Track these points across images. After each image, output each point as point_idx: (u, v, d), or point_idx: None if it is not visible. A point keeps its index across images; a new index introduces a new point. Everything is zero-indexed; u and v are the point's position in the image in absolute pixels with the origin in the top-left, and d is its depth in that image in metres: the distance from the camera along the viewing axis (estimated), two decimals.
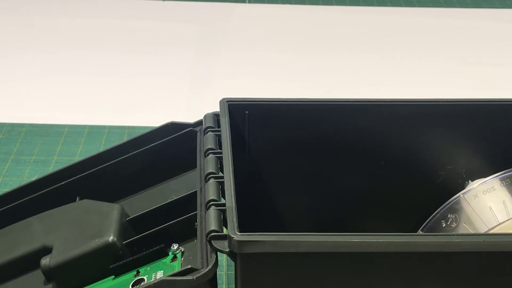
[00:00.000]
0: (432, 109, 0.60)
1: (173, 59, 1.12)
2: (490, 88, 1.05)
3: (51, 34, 1.20)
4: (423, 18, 1.32)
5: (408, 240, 0.44)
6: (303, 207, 0.63)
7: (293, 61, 1.14)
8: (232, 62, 1.13)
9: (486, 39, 1.23)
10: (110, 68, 1.09)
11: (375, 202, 0.63)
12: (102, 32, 1.22)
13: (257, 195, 0.61)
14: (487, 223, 0.55)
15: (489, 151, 0.61)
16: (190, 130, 0.59)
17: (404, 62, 1.14)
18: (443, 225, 0.58)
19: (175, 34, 1.22)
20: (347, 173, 0.62)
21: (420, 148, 0.61)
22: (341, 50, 1.18)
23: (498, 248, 0.44)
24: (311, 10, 1.34)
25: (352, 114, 0.60)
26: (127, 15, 1.29)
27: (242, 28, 1.26)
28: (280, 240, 0.43)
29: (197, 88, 1.04)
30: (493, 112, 0.60)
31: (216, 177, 0.50)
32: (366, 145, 0.61)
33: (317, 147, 0.61)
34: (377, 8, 1.35)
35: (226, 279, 0.66)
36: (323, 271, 0.44)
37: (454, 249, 0.44)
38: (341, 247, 0.43)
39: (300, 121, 0.59)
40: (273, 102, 0.59)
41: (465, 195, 0.58)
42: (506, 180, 0.57)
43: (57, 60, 1.10)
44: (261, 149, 0.60)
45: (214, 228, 0.45)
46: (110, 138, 0.89)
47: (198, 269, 0.44)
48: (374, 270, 0.45)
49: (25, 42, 1.16)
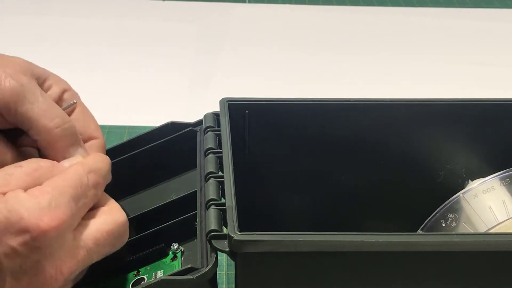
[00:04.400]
0: (432, 109, 0.60)
1: (173, 59, 1.12)
2: (490, 88, 1.05)
3: (51, 33, 1.20)
4: (423, 18, 1.32)
5: (408, 240, 0.44)
6: (303, 206, 0.63)
7: (293, 61, 1.14)
8: (232, 62, 1.13)
9: (486, 39, 1.23)
10: (110, 68, 1.09)
11: (375, 202, 0.63)
12: (102, 32, 1.22)
13: (257, 195, 0.61)
14: (486, 222, 0.55)
15: (489, 151, 0.62)
16: (190, 130, 0.59)
17: (404, 62, 1.14)
18: (443, 225, 0.58)
19: (175, 34, 1.22)
20: (347, 173, 0.62)
21: (420, 148, 0.61)
22: (341, 50, 1.18)
23: (498, 248, 0.44)
24: (311, 10, 1.34)
25: (352, 113, 0.60)
26: (127, 15, 1.29)
27: (242, 28, 1.26)
28: (280, 239, 0.43)
29: (197, 88, 1.04)
30: (493, 112, 0.60)
31: (216, 176, 0.50)
32: (366, 145, 0.61)
33: (317, 147, 0.61)
34: (377, 8, 1.35)
35: (226, 278, 0.66)
36: (323, 271, 0.44)
37: (454, 248, 0.44)
38: (341, 247, 0.43)
39: (300, 120, 0.59)
40: (273, 102, 0.59)
41: (465, 195, 0.58)
42: (506, 179, 0.57)
43: (56, 59, 1.10)
44: (261, 149, 0.60)
45: (214, 227, 0.45)
46: (110, 138, 0.89)
47: (198, 269, 0.44)
48: (374, 270, 0.45)
49: (25, 42, 1.16)
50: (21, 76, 0.48)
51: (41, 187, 0.42)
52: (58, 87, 0.52)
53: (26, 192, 0.42)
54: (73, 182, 0.43)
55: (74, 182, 0.43)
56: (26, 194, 0.41)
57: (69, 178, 0.43)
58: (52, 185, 0.42)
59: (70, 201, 0.42)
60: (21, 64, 0.49)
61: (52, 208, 0.41)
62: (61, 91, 0.52)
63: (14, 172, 0.43)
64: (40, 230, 0.40)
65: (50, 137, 0.48)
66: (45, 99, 0.48)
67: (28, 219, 0.40)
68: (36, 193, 0.41)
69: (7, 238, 0.39)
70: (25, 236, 0.40)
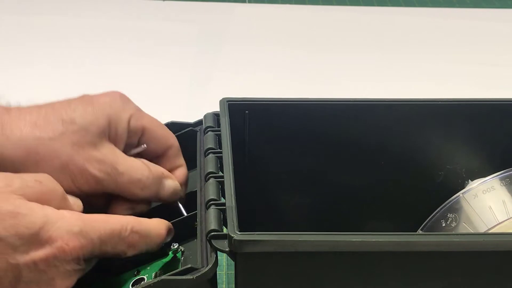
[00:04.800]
0: (432, 109, 0.60)
1: (173, 59, 1.12)
2: (490, 88, 1.05)
3: (51, 33, 1.20)
4: (423, 18, 1.32)
5: (408, 240, 0.44)
6: (303, 206, 0.63)
7: (293, 61, 1.14)
8: (232, 62, 1.13)
9: (486, 39, 1.23)
10: (110, 68, 1.09)
11: (375, 202, 0.63)
12: (102, 32, 1.21)
13: (257, 195, 0.61)
14: (486, 222, 0.55)
15: (489, 151, 0.62)
16: (190, 130, 0.59)
17: (404, 62, 1.14)
18: (443, 225, 0.58)
19: (175, 34, 1.22)
20: (347, 173, 0.62)
21: (420, 148, 0.61)
22: (341, 50, 1.18)
23: (498, 248, 0.44)
24: (311, 10, 1.34)
25: (352, 114, 0.60)
26: (127, 15, 1.29)
27: (242, 28, 1.26)
28: (280, 239, 0.43)
29: (197, 88, 1.04)
30: (493, 112, 0.60)
31: (216, 176, 0.50)
32: (366, 145, 0.61)
33: (317, 147, 0.61)
34: (377, 8, 1.35)
35: (226, 278, 0.66)
36: (322, 270, 0.44)
37: (453, 248, 0.44)
38: (341, 247, 0.43)
39: (300, 120, 0.59)
40: (273, 102, 0.59)
41: (465, 195, 0.58)
42: (505, 179, 0.57)
43: (56, 59, 1.10)
44: (261, 149, 0.60)
45: (214, 227, 0.45)
46: None
47: (198, 269, 0.44)
48: (374, 270, 0.45)
49: (24, 42, 1.16)
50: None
51: (80, 214, 0.44)
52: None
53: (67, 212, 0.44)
54: (111, 229, 0.44)
55: (112, 229, 0.44)
56: (68, 214, 0.43)
57: (112, 223, 0.45)
58: (93, 219, 0.44)
59: (97, 240, 0.43)
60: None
61: (79, 236, 0.43)
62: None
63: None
64: (62, 251, 0.42)
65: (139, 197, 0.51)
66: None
67: (55, 238, 0.42)
68: (73, 218, 0.43)
69: (31, 250, 0.41)
70: (48, 251, 0.41)
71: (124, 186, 0.49)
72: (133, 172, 0.49)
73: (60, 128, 0.48)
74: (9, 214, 0.41)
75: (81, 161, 0.48)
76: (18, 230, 0.41)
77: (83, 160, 0.48)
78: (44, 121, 0.48)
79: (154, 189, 0.51)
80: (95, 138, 0.49)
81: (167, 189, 0.51)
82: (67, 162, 0.47)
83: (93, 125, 0.49)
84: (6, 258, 0.41)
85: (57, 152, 0.47)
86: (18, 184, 0.43)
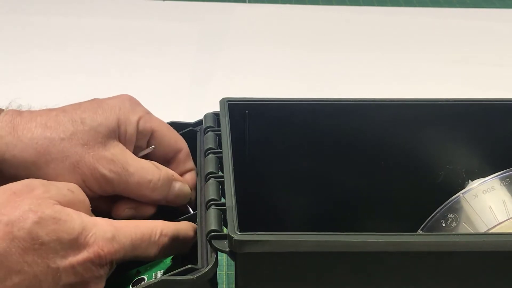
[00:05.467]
0: (432, 109, 0.60)
1: (173, 59, 1.12)
2: (490, 88, 1.05)
3: (51, 33, 1.20)
4: (423, 18, 1.32)
5: (408, 240, 0.44)
6: (303, 206, 0.63)
7: (293, 61, 1.13)
8: (232, 62, 1.13)
9: (486, 39, 1.23)
10: (110, 68, 1.09)
11: (375, 202, 0.63)
12: (102, 32, 1.21)
13: (257, 195, 0.61)
14: (487, 222, 0.55)
15: (489, 151, 0.62)
16: (190, 130, 0.59)
17: (404, 62, 1.14)
18: (443, 225, 0.58)
19: (175, 34, 1.21)
20: (347, 173, 0.62)
21: (420, 148, 0.61)
22: (341, 50, 1.18)
23: (498, 248, 0.44)
24: (311, 10, 1.34)
25: (352, 114, 0.60)
26: (127, 15, 1.28)
27: (242, 28, 1.26)
28: (280, 240, 0.43)
29: (197, 88, 1.04)
30: (493, 112, 0.60)
31: (216, 176, 0.50)
32: (366, 145, 0.61)
33: (317, 147, 0.61)
34: (377, 8, 1.35)
35: (226, 278, 0.66)
36: (322, 270, 0.44)
37: (454, 248, 0.44)
38: (341, 247, 0.43)
39: (300, 120, 0.59)
40: (273, 102, 0.59)
41: (465, 195, 0.58)
42: (506, 179, 0.57)
43: (56, 59, 1.10)
44: (261, 149, 0.60)
45: (214, 227, 0.45)
46: None
47: (198, 269, 0.44)
48: (374, 270, 0.45)
49: (24, 42, 1.16)
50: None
51: (112, 221, 0.45)
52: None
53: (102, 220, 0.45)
54: (142, 233, 0.45)
55: (142, 234, 0.46)
56: (101, 221, 0.45)
57: (142, 228, 0.46)
58: (124, 225, 0.45)
59: (129, 245, 0.45)
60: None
61: (112, 242, 0.44)
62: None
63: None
64: (98, 256, 0.43)
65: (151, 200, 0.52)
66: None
67: (91, 244, 0.43)
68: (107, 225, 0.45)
69: (70, 255, 0.42)
70: (85, 256, 0.43)
71: (134, 187, 0.50)
72: (143, 173, 0.50)
73: (70, 129, 0.48)
74: (51, 220, 0.42)
75: (92, 161, 0.48)
76: (59, 235, 0.42)
77: (93, 160, 0.48)
78: (55, 122, 0.49)
79: (164, 191, 0.51)
80: (105, 138, 0.49)
81: (177, 192, 0.52)
82: (77, 162, 0.48)
83: (103, 125, 0.49)
84: (47, 262, 0.42)
85: (67, 152, 0.48)
86: (54, 191, 0.44)
